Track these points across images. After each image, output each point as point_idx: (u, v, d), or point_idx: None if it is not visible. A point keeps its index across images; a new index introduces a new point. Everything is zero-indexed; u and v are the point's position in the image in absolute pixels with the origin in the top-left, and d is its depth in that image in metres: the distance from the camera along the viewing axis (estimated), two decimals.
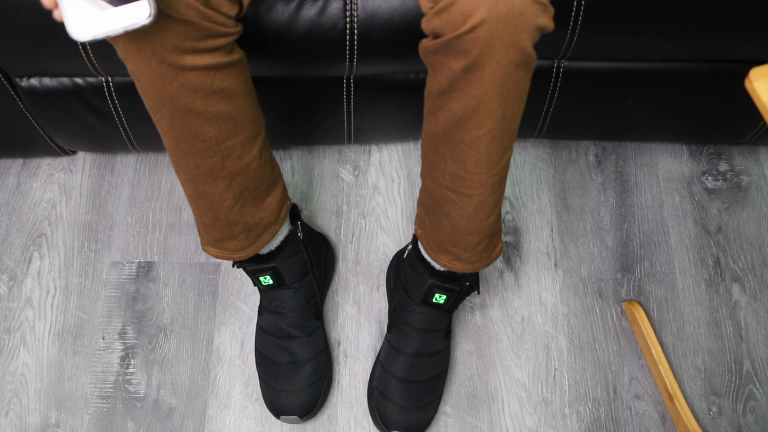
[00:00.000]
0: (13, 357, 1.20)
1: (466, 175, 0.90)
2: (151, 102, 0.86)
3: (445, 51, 0.81)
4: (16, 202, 1.33)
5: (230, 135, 0.90)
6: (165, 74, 0.82)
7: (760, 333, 1.21)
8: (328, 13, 1.00)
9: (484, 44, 0.77)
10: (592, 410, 1.16)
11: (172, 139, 0.90)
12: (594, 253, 1.28)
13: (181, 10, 0.79)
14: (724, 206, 1.31)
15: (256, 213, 1.00)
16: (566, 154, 1.37)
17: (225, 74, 0.86)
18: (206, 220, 0.99)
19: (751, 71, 0.68)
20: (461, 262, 1.01)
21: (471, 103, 0.83)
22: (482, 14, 0.76)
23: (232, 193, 0.95)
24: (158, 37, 0.79)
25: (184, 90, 0.84)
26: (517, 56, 0.78)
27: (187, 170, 0.93)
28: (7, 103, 1.17)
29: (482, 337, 1.21)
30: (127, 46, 0.80)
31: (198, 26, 0.80)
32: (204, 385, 1.18)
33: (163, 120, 0.88)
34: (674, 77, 1.15)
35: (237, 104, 0.89)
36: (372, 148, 1.37)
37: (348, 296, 1.24)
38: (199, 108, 0.86)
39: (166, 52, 0.80)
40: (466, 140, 0.86)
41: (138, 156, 1.37)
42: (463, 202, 0.93)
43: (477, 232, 0.97)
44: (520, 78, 0.82)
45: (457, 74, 0.81)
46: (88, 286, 1.26)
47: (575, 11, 1.00)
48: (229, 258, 1.03)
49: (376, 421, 1.12)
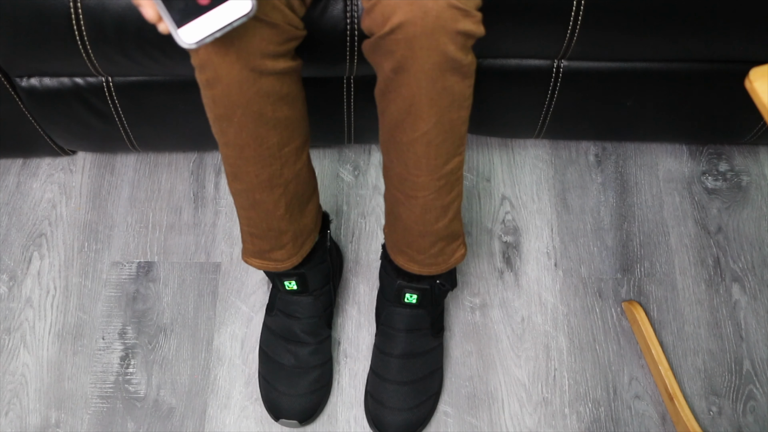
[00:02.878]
0: (13, 357, 1.20)
1: (408, 177, 0.91)
2: (222, 111, 0.85)
3: (377, 51, 0.83)
4: (16, 202, 1.33)
5: (289, 141, 0.91)
6: (245, 80, 0.81)
7: (760, 333, 1.21)
8: (328, 14, 1.00)
9: (405, 46, 0.79)
10: (592, 410, 1.16)
11: (237, 148, 0.89)
12: (594, 253, 1.28)
13: (269, 13, 0.79)
14: (724, 206, 1.31)
15: (302, 220, 1.01)
16: (566, 154, 1.37)
17: (291, 79, 0.87)
18: (256, 231, 0.99)
19: (751, 71, 0.68)
20: (416, 264, 1.02)
21: (403, 105, 0.84)
22: (399, 17, 0.77)
23: (285, 200, 0.96)
24: (245, 41, 0.79)
25: (259, 95, 0.84)
26: (440, 60, 0.79)
27: (248, 179, 0.92)
28: (7, 103, 1.17)
29: (482, 337, 1.21)
30: (210, 52, 0.79)
31: (281, 29, 0.81)
32: (204, 385, 1.18)
33: (231, 128, 0.87)
34: (674, 77, 1.15)
35: (297, 109, 0.91)
36: (372, 148, 1.37)
37: (348, 296, 1.24)
38: (268, 114, 0.86)
39: (252, 56, 0.80)
40: (404, 141, 0.88)
41: (138, 156, 1.37)
42: (410, 203, 0.94)
43: (427, 235, 0.98)
44: (452, 83, 0.82)
45: (389, 75, 0.83)
46: (88, 286, 1.26)
47: (575, 11, 1.00)
48: (275, 269, 1.04)
49: (371, 424, 1.13)
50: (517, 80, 1.16)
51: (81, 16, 0.98)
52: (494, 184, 1.34)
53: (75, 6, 0.98)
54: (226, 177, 0.96)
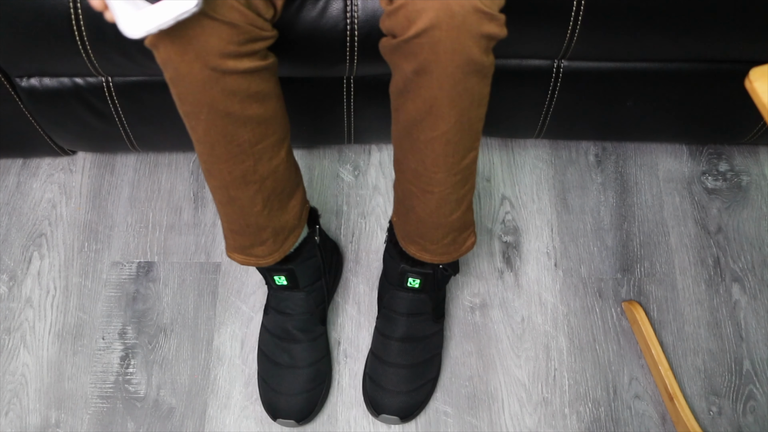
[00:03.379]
0: (13, 357, 1.20)
1: (425, 173, 0.91)
2: (189, 108, 0.86)
3: (398, 52, 0.82)
4: (16, 202, 1.33)
5: (262, 137, 0.91)
6: (206, 79, 0.82)
7: (760, 333, 1.21)
8: (328, 14, 1.00)
9: (429, 50, 0.79)
10: (592, 410, 1.16)
11: (207, 145, 0.89)
12: (594, 253, 1.28)
13: (226, 14, 0.79)
14: (724, 206, 1.31)
15: (282, 216, 1.00)
16: (566, 154, 1.37)
17: (261, 78, 0.87)
18: (235, 227, 0.99)
19: (751, 71, 0.68)
20: (428, 254, 1.03)
21: (423, 106, 0.84)
22: (425, 22, 0.77)
23: (262, 197, 0.95)
24: (203, 41, 0.79)
25: (224, 94, 0.84)
26: (464, 63, 0.79)
27: (221, 176, 0.93)
28: (7, 103, 1.17)
29: (482, 337, 1.21)
30: (170, 50, 0.80)
31: (242, 30, 0.81)
32: (204, 385, 1.18)
33: (199, 126, 0.87)
34: (674, 77, 1.15)
35: (270, 107, 0.90)
36: (372, 148, 1.37)
37: (348, 296, 1.24)
38: (236, 112, 0.86)
39: (210, 56, 0.80)
40: (423, 140, 0.88)
41: (138, 156, 1.37)
42: (425, 197, 0.94)
43: (441, 227, 0.98)
44: (473, 84, 0.82)
45: (409, 76, 0.83)
46: (88, 286, 1.26)
47: (575, 11, 1.00)
48: (256, 264, 1.03)
49: (368, 406, 1.13)
50: (517, 80, 1.16)
51: (81, 16, 0.98)
52: (494, 184, 1.34)
53: (75, 6, 0.98)
54: (202, 173, 0.96)
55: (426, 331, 1.13)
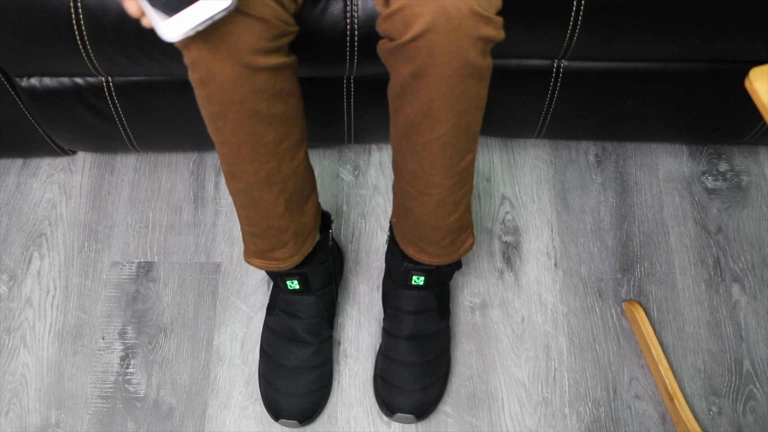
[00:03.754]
0: (13, 357, 1.20)
1: (423, 175, 0.91)
2: (217, 109, 0.85)
3: (395, 55, 0.83)
4: (16, 202, 1.33)
5: (285, 137, 0.91)
6: (237, 77, 0.81)
7: (760, 333, 1.21)
8: (328, 14, 1.00)
9: (426, 53, 0.79)
10: (592, 410, 1.16)
11: (233, 146, 0.89)
12: (594, 253, 1.28)
13: (257, 9, 0.79)
14: (724, 206, 1.31)
15: (301, 218, 1.00)
16: (566, 154, 1.37)
17: (285, 75, 0.87)
18: (257, 230, 0.99)
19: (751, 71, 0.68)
20: (427, 255, 1.03)
21: (420, 109, 0.84)
22: (422, 25, 0.77)
23: (284, 198, 0.95)
24: (235, 38, 0.79)
25: (252, 92, 0.83)
26: (461, 66, 0.79)
27: (245, 178, 0.92)
28: (7, 103, 1.17)
29: (482, 337, 1.21)
30: (201, 50, 0.79)
31: (272, 25, 0.81)
32: (204, 385, 1.18)
33: (226, 126, 0.87)
34: (674, 77, 1.15)
35: (292, 105, 0.90)
36: (372, 148, 1.37)
37: (348, 296, 1.24)
38: (263, 110, 0.86)
39: (243, 53, 0.80)
40: (420, 142, 0.88)
41: (138, 156, 1.37)
42: (423, 200, 0.95)
43: (439, 229, 0.99)
44: (470, 87, 0.83)
45: (406, 79, 0.83)
46: (88, 286, 1.26)
47: (575, 11, 1.00)
48: (277, 268, 1.03)
49: (381, 406, 1.13)
50: (517, 80, 1.16)
51: (81, 16, 0.98)
52: (494, 184, 1.34)
53: (75, 6, 0.98)
54: (224, 177, 0.96)
55: (433, 328, 1.13)
